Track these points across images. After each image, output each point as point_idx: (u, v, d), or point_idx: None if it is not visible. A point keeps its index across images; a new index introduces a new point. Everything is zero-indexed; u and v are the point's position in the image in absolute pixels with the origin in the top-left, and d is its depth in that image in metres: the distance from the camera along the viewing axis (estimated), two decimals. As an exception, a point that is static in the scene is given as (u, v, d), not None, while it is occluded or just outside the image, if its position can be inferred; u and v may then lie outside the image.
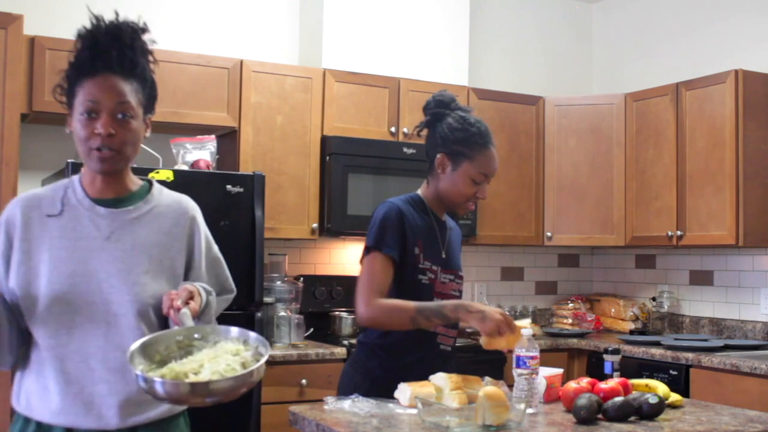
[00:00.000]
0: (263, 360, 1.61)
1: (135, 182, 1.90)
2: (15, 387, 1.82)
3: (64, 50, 3.51)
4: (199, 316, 1.78)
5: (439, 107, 2.54)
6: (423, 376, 2.31)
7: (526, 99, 4.72)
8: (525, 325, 2.29)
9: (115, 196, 1.85)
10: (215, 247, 2.05)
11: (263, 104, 3.95)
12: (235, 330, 1.71)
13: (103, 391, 1.75)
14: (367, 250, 2.38)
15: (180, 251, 1.89)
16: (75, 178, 1.88)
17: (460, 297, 2.55)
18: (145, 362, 1.61)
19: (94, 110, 1.74)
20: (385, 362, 2.41)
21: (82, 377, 1.74)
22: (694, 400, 2.63)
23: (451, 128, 2.47)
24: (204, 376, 1.54)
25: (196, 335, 1.69)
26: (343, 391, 2.40)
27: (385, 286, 2.33)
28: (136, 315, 1.77)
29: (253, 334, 1.70)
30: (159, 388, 1.52)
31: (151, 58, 1.86)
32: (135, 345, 1.61)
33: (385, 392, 2.26)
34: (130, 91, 1.78)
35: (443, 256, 2.49)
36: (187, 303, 1.74)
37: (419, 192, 2.56)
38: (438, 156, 2.48)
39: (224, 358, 1.61)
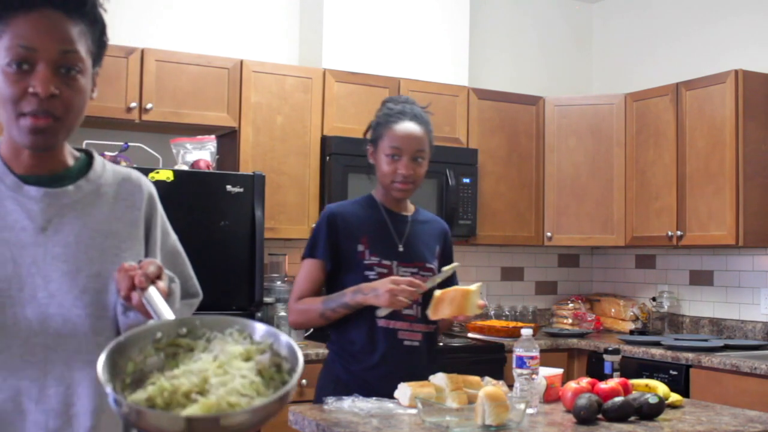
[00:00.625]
0: (298, 370, 1.08)
1: (71, 154, 1.43)
2: None
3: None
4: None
5: (380, 106, 2.57)
6: (388, 374, 2.33)
7: (526, 99, 4.72)
8: (473, 289, 2.28)
9: (50, 173, 1.37)
10: (173, 236, 1.56)
11: (263, 104, 3.95)
12: (233, 320, 1.18)
13: None
14: (302, 260, 2.48)
15: (139, 240, 1.44)
16: None
17: (429, 289, 2.47)
18: (113, 378, 1.07)
19: (28, 60, 1.26)
20: (348, 365, 2.44)
21: (8, 424, 1.27)
22: (694, 400, 2.63)
23: (375, 120, 2.52)
24: (217, 405, 1.01)
25: (180, 330, 1.16)
26: (317, 396, 2.45)
27: (308, 290, 2.44)
28: (91, 333, 1.33)
29: (259, 326, 1.17)
30: (151, 421, 1.00)
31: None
32: (102, 357, 1.07)
33: (348, 395, 2.27)
34: (78, 35, 1.31)
35: (400, 249, 2.47)
36: (153, 281, 1.25)
37: (374, 190, 2.57)
38: (367, 148, 2.53)
39: (234, 367, 1.08)
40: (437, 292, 2.31)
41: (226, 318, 1.18)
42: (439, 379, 2.27)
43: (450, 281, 2.49)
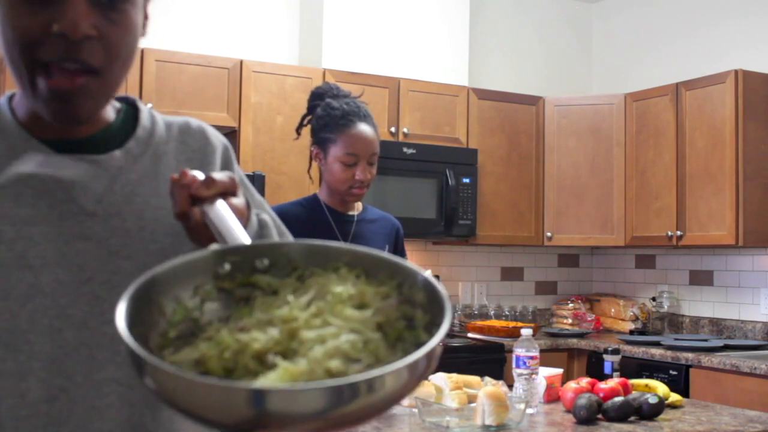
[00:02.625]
0: (444, 325, 0.69)
1: (111, 104, 1.02)
2: None
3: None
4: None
5: (314, 100, 2.46)
6: None
7: (526, 99, 4.72)
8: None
9: (84, 134, 0.96)
10: (258, 199, 1.17)
11: (263, 104, 3.96)
12: (340, 249, 0.78)
13: None
14: None
15: None
16: (2, 100, 0.98)
17: None
18: (144, 328, 0.71)
19: None
20: None
21: None
22: (694, 400, 2.63)
23: (317, 118, 2.40)
24: (308, 373, 0.65)
25: (260, 261, 0.78)
26: None
27: None
28: None
29: (382, 257, 0.77)
30: (201, 396, 0.62)
31: None
32: (126, 293, 0.71)
33: None
34: None
35: None
36: (222, 194, 0.86)
37: (318, 190, 2.50)
38: (311, 149, 2.42)
39: (340, 316, 0.71)
40: None
41: (329, 245, 0.78)
42: (439, 379, 2.26)
43: None
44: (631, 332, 4.59)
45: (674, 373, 3.77)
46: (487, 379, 2.33)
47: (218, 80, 3.88)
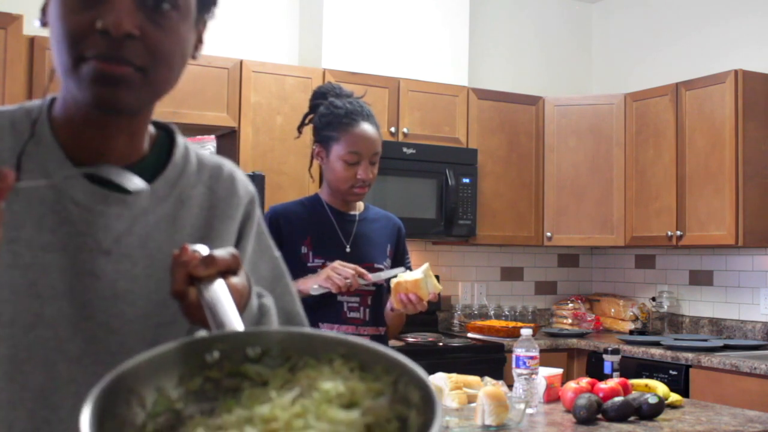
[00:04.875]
0: (434, 428, 0.65)
1: (149, 132, 1.00)
2: None
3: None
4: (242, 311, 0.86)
5: (316, 99, 2.46)
6: None
7: (526, 99, 4.72)
8: (420, 277, 2.21)
9: (120, 163, 0.95)
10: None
11: (263, 104, 3.96)
12: (336, 339, 0.74)
13: None
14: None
15: None
16: (41, 107, 0.97)
17: (377, 290, 2.38)
18: (117, 423, 0.67)
19: None
20: None
21: None
22: (693, 400, 2.63)
23: (319, 116, 2.40)
24: None
25: (251, 349, 0.74)
26: None
27: None
28: None
29: (379, 350, 0.73)
30: None
31: None
32: (98, 386, 0.67)
33: None
34: None
35: (347, 250, 2.38)
36: (222, 273, 0.84)
37: (319, 190, 2.49)
38: (313, 148, 2.42)
39: (324, 416, 0.67)
40: (392, 284, 2.25)
41: (326, 335, 0.75)
42: (439, 379, 2.27)
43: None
44: (631, 332, 4.59)
45: (674, 373, 3.77)
46: (487, 379, 2.33)
47: (218, 80, 3.88)
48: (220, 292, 0.81)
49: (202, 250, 0.84)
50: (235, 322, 0.78)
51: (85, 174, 0.92)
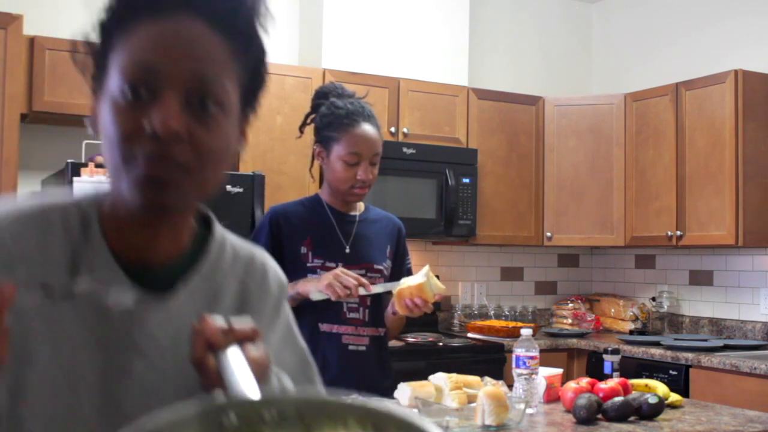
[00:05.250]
0: None
1: (190, 227, 1.01)
2: None
3: (65, 50, 3.52)
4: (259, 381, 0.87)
5: (318, 99, 2.45)
6: (333, 381, 2.27)
7: (526, 99, 4.73)
8: (423, 281, 2.20)
9: (161, 259, 0.97)
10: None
11: (263, 104, 3.90)
12: (352, 405, 0.75)
13: None
14: None
15: None
16: (92, 203, 0.96)
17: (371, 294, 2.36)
18: None
19: (147, 83, 0.87)
20: None
21: None
22: (693, 400, 2.63)
23: (321, 116, 2.39)
24: None
25: (266, 412, 0.75)
26: None
27: None
28: None
29: (395, 413, 0.73)
30: None
31: (262, 7, 0.98)
32: None
33: None
34: (222, 56, 0.91)
35: (347, 251, 2.37)
36: (239, 340, 0.87)
37: (320, 190, 2.49)
38: (314, 148, 2.41)
39: None
40: (395, 291, 2.25)
41: (341, 400, 0.75)
42: (439, 379, 2.27)
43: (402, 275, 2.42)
44: (631, 332, 4.59)
45: (674, 373, 3.77)
46: (487, 379, 2.33)
47: (218, 80, 3.87)
48: (236, 360, 0.83)
49: (220, 321, 0.86)
50: (250, 389, 0.80)
51: (126, 272, 0.94)
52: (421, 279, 2.21)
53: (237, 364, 0.82)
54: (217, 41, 0.90)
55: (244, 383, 0.80)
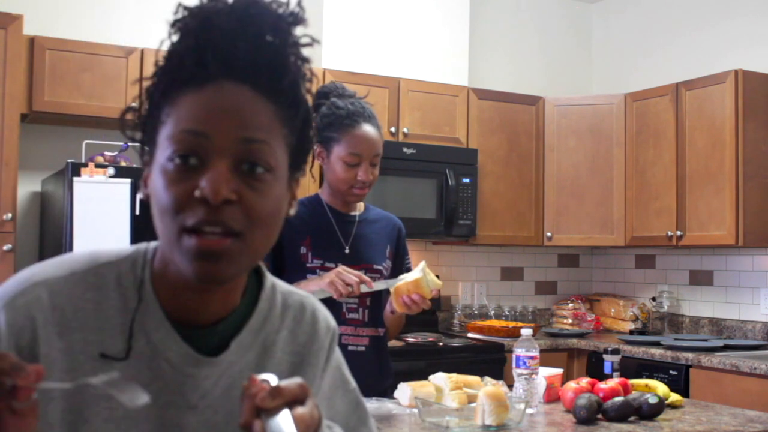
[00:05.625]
0: None
1: (242, 284, 1.01)
2: None
3: (65, 50, 3.53)
4: None
5: (319, 99, 2.42)
6: None
7: (526, 99, 4.73)
8: (420, 276, 2.20)
9: (213, 317, 0.98)
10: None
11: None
12: None
13: None
14: None
15: None
16: (144, 261, 0.98)
17: (376, 291, 2.33)
18: None
19: (196, 150, 0.88)
20: None
21: None
22: (694, 400, 2.63)
23: (321, 117, 2.37)
24: None
25: None
26: None
27: None
28: None
29: None
30: None
31: (306, 71, 1.05)
32: None
33: None
34: (270, 121, 0.93)
35: (346, 251, 2.37)
36: (289, 403, 0.86)
37: (320, 190, 2.48)
38: (314, 148, 2.39)
39: None
40: (392, 289, 2.24)
41: None
42: (439, 379, 2.27)
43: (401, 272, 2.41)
44: (631, 332, 4.59)
45: (674, 373, 3.77)
46: (487, 379, 2.33)
47: (218, 80, 3.87)
48: (284, 423, 0.83)
49: (272, 380, 0.86)
50: None
51: (182, 328, 0.95)
52: (418, 274, 2.21)
53: (283, 428, 0.82)
54: (263, 106, 0.92)
55: None
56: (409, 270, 2.48)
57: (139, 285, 0.95)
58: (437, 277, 2.28)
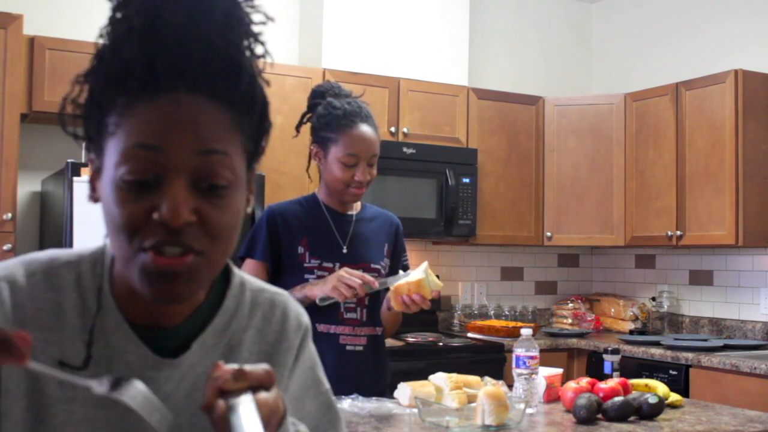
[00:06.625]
0: None
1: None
2: None
3: (65, 50, 3.53)
4: None
5: (315, 98, 2.43)
6: (332, 381, 2.26)
7: (526, 99, 4.73)
8: (422, 277, 2.20)
9: (177, 318, 0.96)
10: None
11: (263, 104, 3.95)
12: None
13: None
14: (241, 260, 2.36)
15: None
16: (102, 263, 0.96)
17: (374, 291, 2.33)
18: None
19: (150, 168, 0.84)
20: None
21: None
22: (693, 400, 2.63)
23: (318, 116, 2.37)
24: None
25: None
26: None
27: None
28: None
29: None
30: None
31: (260, 64, 1.00)
32: None
33: None
34: (227, 129, 0.89)
35: (344, 251, 2.36)
36: (253, 386, 0.85)
37: (317, 189, 2.48)
38: (311, 148, 2.40)
39: None
40: (392, 287, 2.24)
41: None
42: (439, 379, 2.27)
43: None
44: (631, 332, 4.59)
45: (674, 373, 3.77)
46: (487, 379, 2.33)
47: (218, 80, 3.87)
48: (246, 406, 0.81)
49: (235, 366, 0.85)
50: None
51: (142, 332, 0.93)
52: (420, 275, 2.21)
53: (247, 411, 0.80)
54: (220, 116, 0.87)
55: (252, 430, 0.78)
56: (406, 268, 2.48)
57: (98, 288, 0.93)
58: (437, 277, 2.29)
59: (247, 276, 1.05)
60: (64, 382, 0.88)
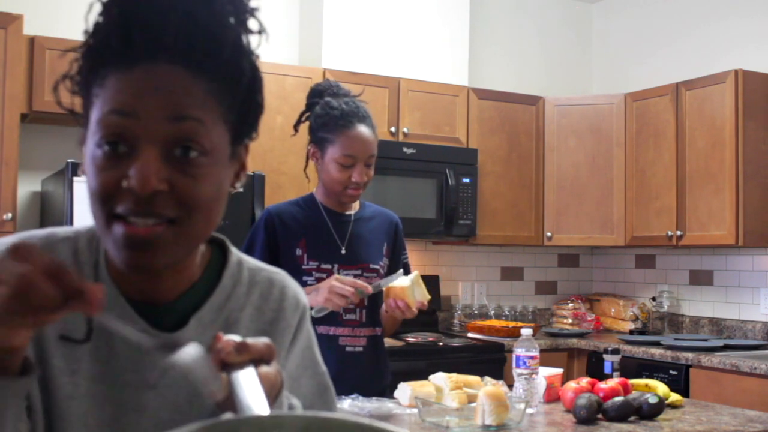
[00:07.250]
0: None
1: (196, 262, 0.98)
2: None
3: (65, 50, 3.52)
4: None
5: (313, 97, 2.42)
6: (332, 381, 2.24)
7: (526, 99, 4.73)
8: (407, 285, 2.20)
9: (171, 296, 0.96)
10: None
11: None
12: (360, 426, 0.72)
13: None
14: None
15: None
16: (97, 240, 0.97)
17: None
18: None
19: (124, 135, 0.85)
20: None
21: None
22: (694, 400, 2.63)
23: (315, 116, 2.36)
24: None
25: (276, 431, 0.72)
26: None
27: None
28: None
29: (385, 428, 0.71)
30: None
31: (249, 37, 0.91)
32: None
33: None
34: (203, 97, 0.87)
35: (343, 251, 2.36)
36: (254, 359, 0.84)
37: (314, 189, 2.47)
38: (308, 148, 2.39)
39: None
40: (384, 288, 2.25)
41: (346, 420, 0.73)
42: (439, 379, 2.27)
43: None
44: (631, 332, 4.59)
45: (674, 373, 3.77)
46: (487, 379, 2.34)
47: (218, 80, 3.87)
48: (248, 378, 0.81)
49: (235, 339, 0.84)
50: (259, 407, 0.78)
51: (135, 309, 0.93)
52: (406, 283, 2.21)
53: (249, 383, 0.80)
54: (196, 85, 0.86)
55: (254, 402, 0.78)
56: (406, 266, 2.48)
57: (95, 263, 0.94)
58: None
59: (245, 255, 1.05)
60: (68, 354, 0.89)
